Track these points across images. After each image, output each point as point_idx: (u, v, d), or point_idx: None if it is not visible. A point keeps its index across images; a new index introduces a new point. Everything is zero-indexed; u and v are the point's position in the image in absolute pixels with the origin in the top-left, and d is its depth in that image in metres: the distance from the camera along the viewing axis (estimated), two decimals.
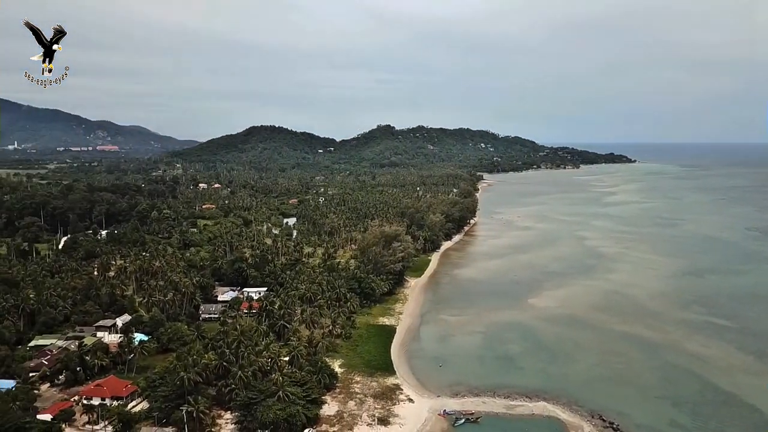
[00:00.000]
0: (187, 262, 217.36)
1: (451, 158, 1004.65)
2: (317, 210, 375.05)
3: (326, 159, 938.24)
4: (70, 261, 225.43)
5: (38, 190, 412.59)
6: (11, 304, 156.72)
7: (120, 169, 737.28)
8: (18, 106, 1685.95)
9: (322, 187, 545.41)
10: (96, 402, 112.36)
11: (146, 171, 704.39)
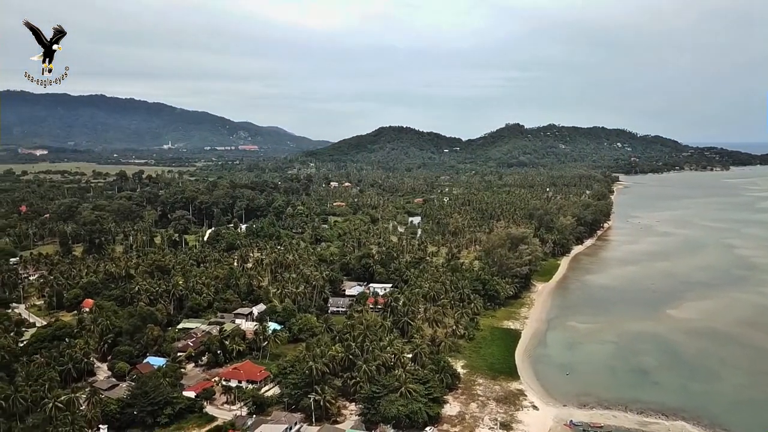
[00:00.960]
0: (318, 257, 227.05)
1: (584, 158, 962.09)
2: (442, 209, 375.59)
3: (452, 159, 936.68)
4: (214, 252, 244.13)
5: (188, 186, 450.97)
6: (163, 290, 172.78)
7: (259, 167, 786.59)
8: (172, 109, 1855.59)
9: (447, 187, 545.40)
10: (233, 384, 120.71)
11: (282, 169, 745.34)
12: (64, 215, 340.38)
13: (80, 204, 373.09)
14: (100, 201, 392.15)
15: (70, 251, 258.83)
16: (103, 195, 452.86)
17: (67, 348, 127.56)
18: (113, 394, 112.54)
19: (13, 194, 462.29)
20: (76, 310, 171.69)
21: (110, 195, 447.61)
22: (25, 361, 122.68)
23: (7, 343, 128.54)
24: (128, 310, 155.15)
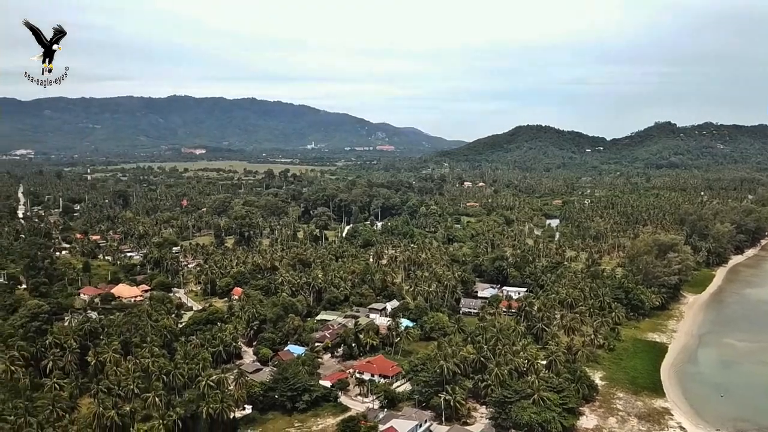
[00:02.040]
0: (450, 257, 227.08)
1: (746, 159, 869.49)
2: (582, 212, 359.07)
3: (594, 159, 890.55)
4: (351, 248, 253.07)
5: (329, 185, 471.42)
6: (304, 282, 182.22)
7: (395, 167, 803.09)
8: (316, 111, 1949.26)
9: (589, 189, 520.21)
10: (366, 377, 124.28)
11: (417, 169, 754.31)
12: (219, 209, 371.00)
13: (232, 199, 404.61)
14: (249, 197, 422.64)
15: (223, 242, 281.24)
16: (252, 191, 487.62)
17: (218, 332, 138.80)
18: (257, 377, 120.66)
19: (177, 189, 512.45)
20: (227, 297, 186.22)
21: (259, 191, 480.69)
22: (183, 341, 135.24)
23: (168, 324, 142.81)
24: (272, 299, 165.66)
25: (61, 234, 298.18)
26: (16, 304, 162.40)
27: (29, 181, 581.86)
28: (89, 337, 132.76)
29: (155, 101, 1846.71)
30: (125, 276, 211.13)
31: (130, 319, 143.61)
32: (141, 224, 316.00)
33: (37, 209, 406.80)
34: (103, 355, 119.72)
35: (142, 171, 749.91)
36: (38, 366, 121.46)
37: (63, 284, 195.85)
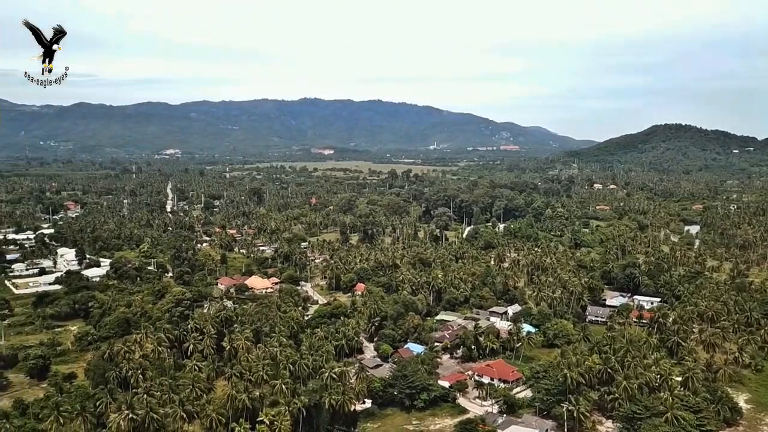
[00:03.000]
0: (576, 262, 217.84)
1: None
2: (727, 219, 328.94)
3: (743, 160, 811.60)
4: (472, 249, 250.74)
5: (450, 185, 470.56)
6: (424, 281, 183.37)
7: (519, 167, 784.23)
8: (440, 111, 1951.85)
9: (735, 193, 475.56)
10: (485, 380, 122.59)
11: (543, 170, 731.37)
12: (345, 208, 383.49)
13: (357, 198, 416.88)
14: (373, 196, 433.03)
15: (348, 239, 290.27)
16: (376, 191, 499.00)
17: (341, 326, 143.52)
18: (377, 373, 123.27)
19: (306, 188, 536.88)
20: (351, 292, 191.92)
21: (382, 191, 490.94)
22: (309, 333, 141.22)
23: (296, 316, 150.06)
24: (393, 297, 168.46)
25: (202, 228, 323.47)
26: (163, 290, 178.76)
27: (176, 178, 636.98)
28: (225, 324, 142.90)
29: (288, 104, 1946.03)
30: (258, 268, 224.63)
31: (261, 309, 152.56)
32: (273, 220, 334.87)
33: (183, 204, 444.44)
34: (236, 342, 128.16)
35: (274, 170, 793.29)
36: (181, 348, 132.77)
37: (203, 274, 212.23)
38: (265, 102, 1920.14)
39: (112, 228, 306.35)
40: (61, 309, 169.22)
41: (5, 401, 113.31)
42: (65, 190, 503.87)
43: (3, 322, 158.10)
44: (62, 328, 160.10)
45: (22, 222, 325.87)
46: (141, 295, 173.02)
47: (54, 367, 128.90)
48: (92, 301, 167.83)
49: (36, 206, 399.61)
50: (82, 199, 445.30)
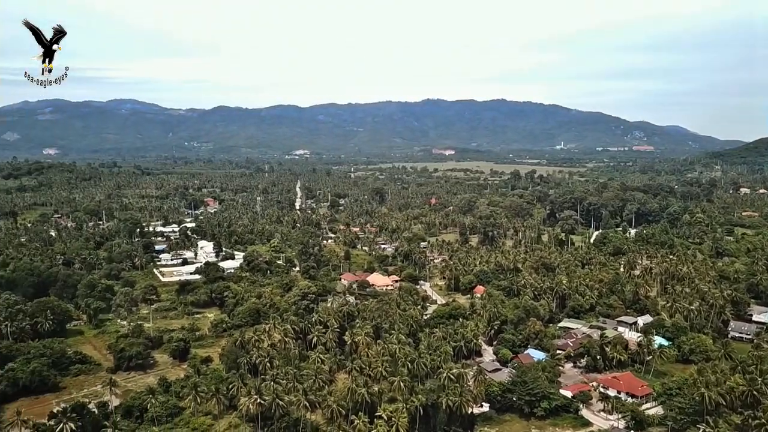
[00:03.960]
0: (718, 272, 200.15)
1: None
2: None
3: None
4: (599, 255, 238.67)
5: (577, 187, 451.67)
6: (547, 286, 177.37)
7: (653, 169, 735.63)
8: (567, 110, 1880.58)
9: None
10: (612, 393, 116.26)
11: (681, 172, 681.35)
12: (465, 208, 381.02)
13: (478, 199, 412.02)
14: (494, 197, 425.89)
15: (468, 241, 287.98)
16: (497, 192, 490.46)
17: (460, 327, 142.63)
18: (496, 377, 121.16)
19: (426, 188, 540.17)
20: (470, 294, 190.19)
21: (504, 192, 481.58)
22: (427, 333, 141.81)
23: (415, 314, 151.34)
24: (513, 301, 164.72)
25: (328, 225, 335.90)
26: (291, 283, 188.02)
27: (305, 177, 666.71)
28: (347, 319, 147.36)
29: (411, 105, 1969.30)
30: (379, 266, 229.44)
31: (382, 306, 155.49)
32: (394, 219, 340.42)
33: (310, 202, 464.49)
34: (357, 337, 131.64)
35: (396, 170, 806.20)
36: (305, 339, 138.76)
37: (328, 269, 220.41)
38: (389, 104, 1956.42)
39: (245, 223, 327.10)
40: (200, 297, 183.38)
41: (152, 378, 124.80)
42: (205, 187, 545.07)
43: (151, 307, 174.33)
44: (201, 315, 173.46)
45: (169, 216, 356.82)
46: (270, 288, 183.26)
47: (193, 350, 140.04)
48: (227, 291, 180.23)
49: (180, 202, 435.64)
50: (220, 196, 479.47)
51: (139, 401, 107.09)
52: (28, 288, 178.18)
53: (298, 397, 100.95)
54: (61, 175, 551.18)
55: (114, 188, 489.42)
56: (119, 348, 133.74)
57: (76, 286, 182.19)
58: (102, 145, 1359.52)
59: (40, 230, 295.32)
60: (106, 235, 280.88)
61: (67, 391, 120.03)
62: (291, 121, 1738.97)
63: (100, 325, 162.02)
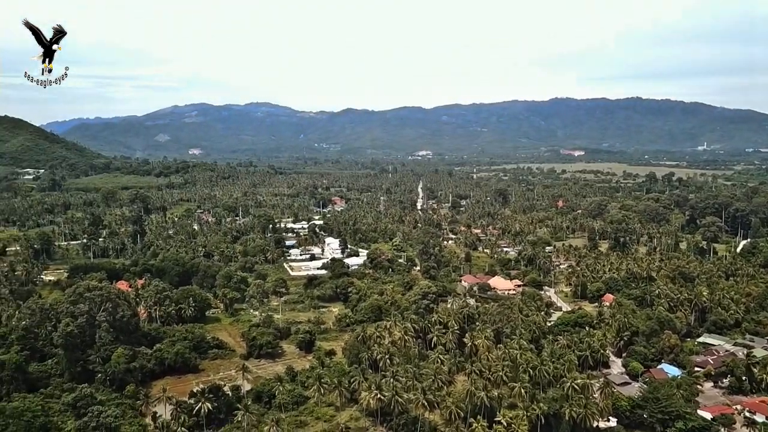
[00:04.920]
0: None
1: None
2: None
3: None
4: (747, 266, 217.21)
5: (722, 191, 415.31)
6: (685, 297, 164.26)
7: None
8: (711, 108, 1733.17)
9: None
10: (759, 419, 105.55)
11: None
12: (594, 212, 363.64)
13: (609, 203, 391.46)
14: (627, 201, 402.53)
15: (597, 246, 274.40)
16: (630, 195, 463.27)
17: (586, 336, 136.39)
18: (624, 391, 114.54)
19: (552, 190, 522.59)
20: (597, 302, 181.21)
21: (638, 196, 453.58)
22: (551, 340, 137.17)
23: (538, 320, 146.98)
24: (646, 311, 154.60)
25: (449, 226, 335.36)
26: (411, 282, 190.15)
27: (427, 178, 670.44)
28: (467, 321, 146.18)
29: (537, 104, 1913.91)
30: (500, 269, 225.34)
31: (503, 310, 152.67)
32: (517, 222, 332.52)
33: (432, 203, 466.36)
34: (477, 340, 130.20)
35: (521, 171, 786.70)
36: (425, 338, 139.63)
37: (448, 270, 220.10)
38: (515, 104, 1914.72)
39: (369, 222, 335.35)
40: (326, 292, 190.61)
41: (280, 366, 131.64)
42: (333, 186, 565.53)
43: (281, 299, 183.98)
44: (326, 309, 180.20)
45: (299, 213, 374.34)
46: (392, 285, 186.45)
47: (318, 342, 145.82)
48: (351, 287, 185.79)
49: (310, 200, 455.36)
50: (346, 195, 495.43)
51: (268, 388, 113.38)
52: (174, 276, 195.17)
53: (417, 395, 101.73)
54: (203, 174, 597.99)
55: (250, 186, 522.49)
56: (251, 336, 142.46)
57: (214, 276, 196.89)
58: (240, 146, 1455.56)
59: (185, 224, 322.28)
60: (242, 230, 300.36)
61: (205, 373, 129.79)
62: (415, 123, 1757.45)
63: (235, 313, 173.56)
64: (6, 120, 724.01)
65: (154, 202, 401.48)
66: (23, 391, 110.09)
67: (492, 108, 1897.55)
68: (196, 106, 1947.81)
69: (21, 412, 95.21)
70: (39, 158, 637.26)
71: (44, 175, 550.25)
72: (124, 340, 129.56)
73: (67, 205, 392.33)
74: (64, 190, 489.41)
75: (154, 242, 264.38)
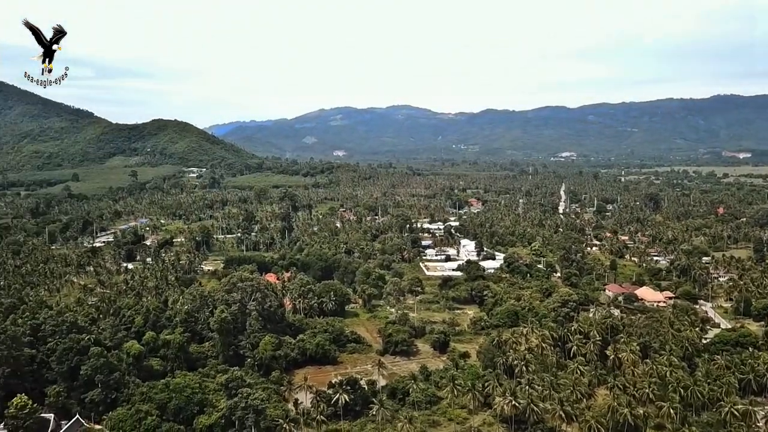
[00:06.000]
0: None
1: None
2: None
3: None
4: None
5: None
6: None
7: None
8: None
9: None
10: None
11: None
12: (762, 220, 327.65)
13: None
14: None
15: (764, 258, 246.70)
16: None
17: (749, 358, 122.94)
18: None
19: (712, 195, 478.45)
20: (764, 320, 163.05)
21: None
22: (706, 359, 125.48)
23: (691, 336, 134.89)
24: None
25: (593, 231, 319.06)
26: (551, 289, 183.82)
27: (570, 180, 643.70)
28: (610, 332, 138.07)
29: (695, 102, 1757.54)
30: (649, 279, 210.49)
31: (651, 323, 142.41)
32: (670, 229, 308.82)
33: (575, 206, 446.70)
34: (621, 353, 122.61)
35: (675, 175, 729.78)
36: (563, 348, 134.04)
37: (591, 278, 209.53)
38: (670, 101, 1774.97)
39: (507, 225, 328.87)
40: (461, 293, 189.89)
41: (414, 365, 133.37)
42: (470, 188, 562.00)
43: (416, 298, 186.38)
44: (460, 311, 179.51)
45: (435, 214, 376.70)
46: (530, 291, 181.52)
47: (452, 343, 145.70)
48: (486, 290, 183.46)
49: (446, 201, 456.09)
50: (483, 197, 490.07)
51: (402, 385, 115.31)
52: (317, 271, 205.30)
53: (554, 406, 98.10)
54: (346, 174, 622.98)
55: (389, 187, 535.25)
56: (387, 333, 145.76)
57: (354, 272, 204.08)
58: (381, 148, 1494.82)
59: (328, 221, 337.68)
60: (381, 228, 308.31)
61: (342, 365, 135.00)
62: (557, 123, 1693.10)
63: (373, 309, 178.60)
64: (175, 124, 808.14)
65: (301, 200, 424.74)
66: (184, 368, 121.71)
67: (643, 106, 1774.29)
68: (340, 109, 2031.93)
69: (182, 388, 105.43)
70: (202, 158, 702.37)
71: (206, 174, 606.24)
72: (270, 328, 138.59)
73: (224, 201, 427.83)
74: (223, 187, 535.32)
75: (300, 238, 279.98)
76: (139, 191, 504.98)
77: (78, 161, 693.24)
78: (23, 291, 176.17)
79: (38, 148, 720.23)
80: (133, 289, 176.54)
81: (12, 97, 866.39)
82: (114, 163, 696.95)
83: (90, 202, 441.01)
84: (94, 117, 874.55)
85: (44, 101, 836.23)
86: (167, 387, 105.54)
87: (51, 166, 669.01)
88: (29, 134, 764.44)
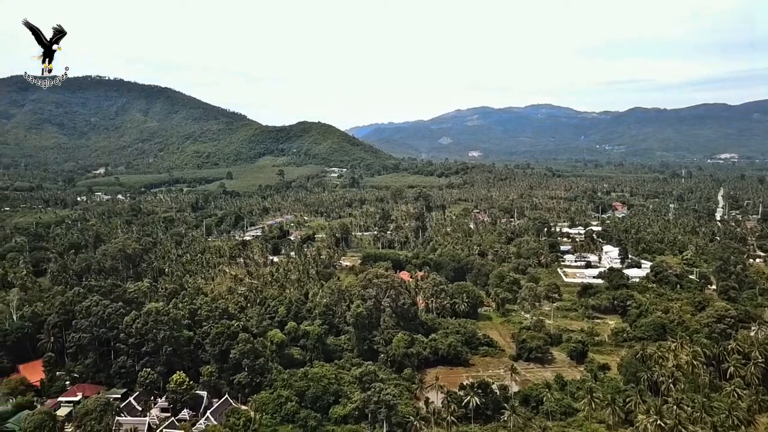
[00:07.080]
0: None
1: None
2: None
3: None
4: None
5: None
6: None
7: None
8: None
9: None
10: None
11: None
12: None
13: None
14: None
15: None
16: None
17: None
18: None
19: None
20: None
21: None
22: None
23: None
24: None
25: (757, 241, 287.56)
26: (704, 302, 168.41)
27: (730, 184, 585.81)
28: None
29: None
30: None
31: None
32: None
33: (735, 213, 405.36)
34: None
35: None
36: (718, 368, 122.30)
37: (753, 293, 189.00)
38: None
39: (655, 231, 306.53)
40: (601, 302, 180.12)
41: (548, 373, 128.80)
42: (614, 191, 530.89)
43: (553, 305, 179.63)
44: (601, 320, 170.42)
45: (575, 218, 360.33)
46: (680, 303, 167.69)
47: (591, 354, 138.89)
48: (630, 300, 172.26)
49: (588, 204, 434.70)
50: (628, 201, 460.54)
51: (536, 392, 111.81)
52: (450, 271, 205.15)
53: (706, 430, 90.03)
54: (481, 175, 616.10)
55: (526, 188, 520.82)
56: (521, 338, 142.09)
57: (488, 275, 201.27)
58: (518, 148, 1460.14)
59: (461, 222, 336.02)
60: (517, 231, 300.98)
61: (474, 368, 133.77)
62: (716, 121, 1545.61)
63: (506, 314, 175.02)
64: (320, 126, 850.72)
65: (434, 200, 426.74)
66: (321, 359, 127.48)
67: None
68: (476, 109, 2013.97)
69: (320, 378, 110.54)
70: (342, 159, 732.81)
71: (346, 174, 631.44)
72: (403, 326, 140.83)
73: (362, 200, 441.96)
74: (361, 187, 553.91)
75: (433, 238, 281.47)
76: (285, 189, 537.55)
77: (232, 160, 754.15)
78: (183, 278, 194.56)
79: (198, 149, 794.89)
80: (277, 281, 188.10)
81: (178, 102, 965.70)
82: (263, 163, 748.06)
83: (242, 198, 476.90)
84: (246, 119, 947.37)
85: (204, 105, 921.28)
86: (306, 375, 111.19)
87: (209, 165, 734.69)
88: (191, 135, 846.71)
